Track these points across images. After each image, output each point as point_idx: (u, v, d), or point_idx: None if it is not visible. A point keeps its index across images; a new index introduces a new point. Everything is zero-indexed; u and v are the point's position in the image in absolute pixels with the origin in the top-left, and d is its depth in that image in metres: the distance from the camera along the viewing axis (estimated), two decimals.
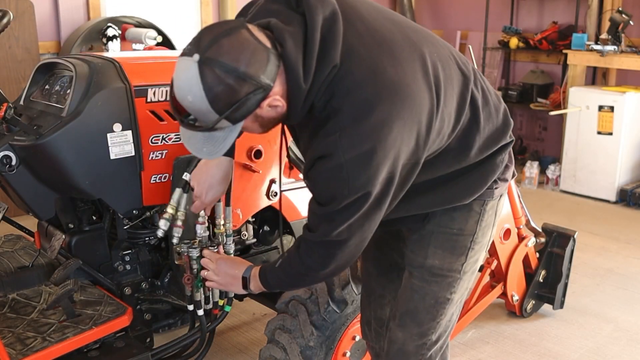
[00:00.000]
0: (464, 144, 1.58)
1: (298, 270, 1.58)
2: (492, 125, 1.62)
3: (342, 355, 2.19)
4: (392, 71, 1.40)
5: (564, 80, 5.53)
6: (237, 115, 1.35)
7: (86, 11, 4.87)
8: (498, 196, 1.73)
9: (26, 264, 2.22)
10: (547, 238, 3.08)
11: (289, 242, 2.49)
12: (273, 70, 1.33)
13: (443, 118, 1.49)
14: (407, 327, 1.75)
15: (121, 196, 2.03)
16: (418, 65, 1.45)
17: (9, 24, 2.24)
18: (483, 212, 1.70)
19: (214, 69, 1.29)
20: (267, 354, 2.13)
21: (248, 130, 1.49)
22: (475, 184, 1.66)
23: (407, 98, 1.40)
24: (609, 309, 3.29)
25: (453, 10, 6.67)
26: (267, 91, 1.35)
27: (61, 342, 1.82)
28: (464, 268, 1.72)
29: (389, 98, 1.38)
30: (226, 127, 1.40)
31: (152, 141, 2.03)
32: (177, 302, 2.19)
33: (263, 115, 1.41)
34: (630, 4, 5.31)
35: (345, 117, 1.37)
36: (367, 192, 1.40)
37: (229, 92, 1.31)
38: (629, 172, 5.05)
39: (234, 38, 1.31)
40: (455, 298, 1.75)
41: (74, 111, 1.90)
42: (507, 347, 2.91)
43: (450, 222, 1.69)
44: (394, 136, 1.38)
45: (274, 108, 1.40)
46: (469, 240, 1.70)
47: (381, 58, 1.41)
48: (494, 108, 1.64)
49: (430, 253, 1.70)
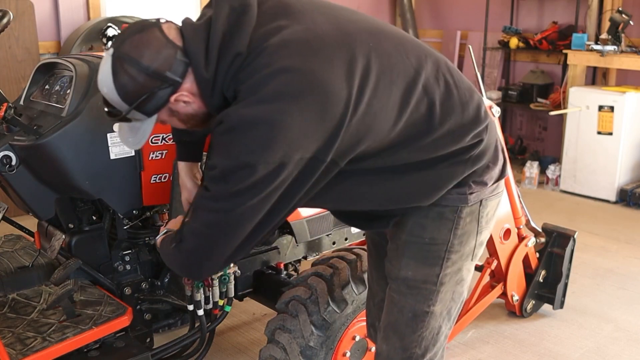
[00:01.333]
0: (414, 136, 1.49)
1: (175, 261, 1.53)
2: (455, 121, 1.52)
3: (342, 355, 2.19)
4: (300, 61, 1.36)
5: (564, 80, 5.53)
6: (147, 108, 1.42)
7: (86, 11, 4.87)
8: (477, 201, 1.60)
9: (26, 264, 2.22)
10: (547, 238, 3.08)
11: (288, 242, 2.49)
12: (181, 67, 1.39)
13: (369, 112, 1.40)
14: (390, 340, 1.69)
15: (121, 196, 2.03)
16: (341, 58, 1.39)
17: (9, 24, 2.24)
18: (457, 219, 1.59)
19: (123, 64, 1.38)
20: (267, 354, 2.13)
21: (173, 124, 1.53)
22: (432, 184, 1.55)
23: (312, 87, 1.34)
24: (609, 309, 3.29)
25: (453, 10, 6.67)
26: (176, 87, 1.40)
27: (61, 342, 1.83)
28: (440, 279, 1.62)
29: (288, 81, 1.34)
30: (143, 120, 1.46)
31: (152, 141, 2.03)
32: (177, 302, 2.19)
33: (178, 110, 1.46)
34: (630, 4, 5.31)
35: (242, 95, 1.37)
36: (248, 164, 1.33)
37: (135, 86, 1.38)
38: (629, 172, 5.05)
39: (145, 35, 1.40)
40: (437, 310, 1.65)
41: (74, 111, 1.91)
42: (507, 347, 2.91)
43: (422, 231, 1.60)
44: (286, 118, 1.32)
45: (187, 104, 1.44)
46: (442, 250, 1.60)
47: (295, 50, 1.38)
48: (460, 103, 1.53)
49: (404, 264, 1.62)
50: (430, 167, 1.53)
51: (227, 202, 1.38)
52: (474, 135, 1.55)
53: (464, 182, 1.57)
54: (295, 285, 2.17)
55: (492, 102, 2.75)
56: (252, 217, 1.41)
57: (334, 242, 2.66)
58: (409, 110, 1.46)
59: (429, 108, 1.49)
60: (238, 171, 1.35)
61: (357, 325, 2.21)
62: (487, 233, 1.69)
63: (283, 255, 2.47)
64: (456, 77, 1.56)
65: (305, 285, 2.13)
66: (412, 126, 1.48)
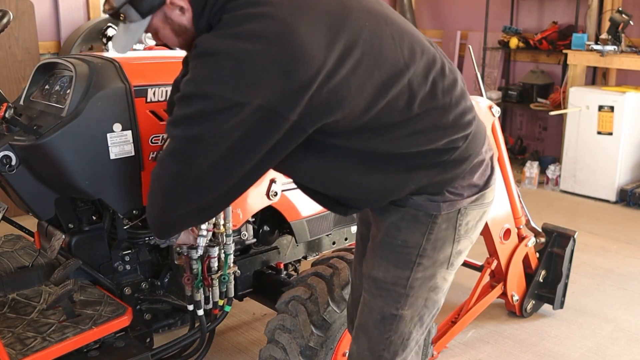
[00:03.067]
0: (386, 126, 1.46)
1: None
2: (431, 123, 1.49)
3: (342, 355, 2.19)
4: (286, 13, 1.36)
5: (564, 80, 5.53)
6: (143, 5, 1.44)
7: (86, 11, 4.87)
8: (456, 210, 1.56)
9: (26, 264, 2.22)
10: (547, 238, 3.08)
11: (288, 242, 2.49)
12: None
13: (344, 86, 1.37)
14: (360, 341, 1.67)
15: (121, 196, 2.03)
16: (328, 26, 1.38)
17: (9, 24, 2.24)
18: (432, 224, 1.55)
19: None
20: (267, 354, 2.13)
21: (162, 35, 1.53)
22: (395, 181, 1.52)
23: (287, 42, 1.33)
24: (609, 309, 3.29)
25: (453, 10, 6.67)
26: None
27: (61, 342, 1.82)
28: (410, 283, 1.58)
29: (267, 27, 1.34)
30: (136, 20, 1.48)
31: (152, 141, 2.03)
32: (177, 302, 2.19)
33: (172, 18, 1.47)
34: (630, 4, 5.31)
35: (221, 24, 1.40)
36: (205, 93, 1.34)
37: None
38: (629, 172, 5.05)
39: None
40: (406, 315, 1.61)
41: (73, 111, 1.90)
42: (507, 347, 2.91)
43: (396, 232, 1.58)
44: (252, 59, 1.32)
45: (182, 13, 1.45)
46: (414, 254, 1.57)
47: (287, 2, 1.38)
48: (441, 106, 1.50)
49: (377, 264, 1.60)
50: (397, 163, 1.50)
51: (184, 127, 1.38)
52: (448, 141, 1.51)
53: (438, 191, 1.54)
54: (295, 285, 2.17)
55: (492, 102, 2.75)
56: (210, 153, 1.38)
57: (334, 242, 2.66)
58: (386, 98, 1.43)
59: (408, 103, 1.46)
60: (195, 97, 1.36)
61: None
62: (468, 243, 1.64)
63: (283, 255, 2.48)
64: (448, 81, 1.52)
65: (305, 285, 2.13)
66: (387, 116, 1.45)
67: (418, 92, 1.46)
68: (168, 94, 2.03)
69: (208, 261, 1.98)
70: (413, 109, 1.46)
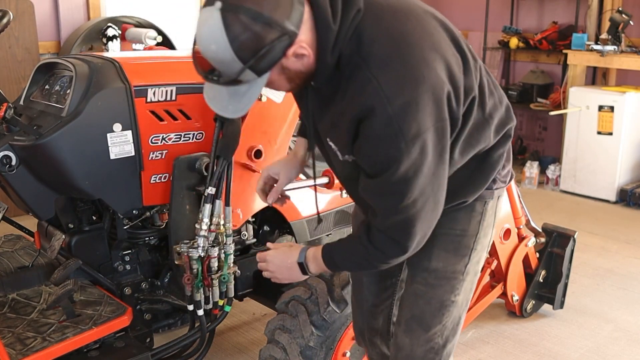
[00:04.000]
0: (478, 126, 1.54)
1: (376, 258, 1.51)
2: (498, 116, 1.60)
3: (342, 355, 2.19)
4: (415, 20, 1.41)
5: (564, 80, 5.53)
6: (262, 64, 1.29)
7: (86, 11, 4.87)
8: (497, 197, 1.72)
9: (26, 264, 2.22)
10: (547, 238, 3.08)
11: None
12: (297, 16, 1.29)
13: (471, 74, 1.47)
14: (414, 333, 1.72)
15: (121, 196, 2.03)
16: (436, 25, 1.46)
17: (9, 24, 2.24)
18: (484, 212, 1.69)
19: (237, 15, 1.24)
20: (267, 354, 2.13)
21: (274, 86, 1.42)
22: (478, 180, 1.63)
23: (435, 43, 1.39)
24: (609, 309, 3.29)
25: (453, 10, 6.67)
26: (293, 38, 1.29)
27: (61, 342, 1.82)
28: (467, 269, 1.70)
29: (418, 41, 1.36)
30: (251, 80, 1.33)
31: (152, 141, 2.03)
32: (177, 302, 2.19)
33: (289, 66, 1.35)
34: (630, 4, 5.31)
35: (377, 62, 1.33)
36: (423, 139, 1.33)
37: (254, 39, 1.25)
38: (629, 172, 5.04)
39: None
40: (460, 300, 1.72)
41: (73, 111, 1.90)
42: (507, 347, 2.91)
43: (454, 223, 1.66)
44: (435, 75, 1.34)
45: (300, 58, 1.34)
46: (471, 241, 1.68)
47: (403, 11, 1.42)
48: (498, 99, 1.61)
49: (435, 255, 1.67)
50: (474, 165, 1.60)
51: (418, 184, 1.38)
52: (507, 130, 1.63)
53: (494, 178, 1.66)
54: (295, 285, 2.17)
55: None
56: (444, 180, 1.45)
57: None
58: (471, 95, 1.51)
59: (481, 99, 1.53)
60: (420, 150, 1.34)
61: None
62: (495, 229, 1.81)
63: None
64: (492, 78, 1.65)
65: (305, 285, 2.13)
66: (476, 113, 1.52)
67: (484, 84, 1.56)
68: (168, 94, 2.03)
69: (208, 261, 1.98)
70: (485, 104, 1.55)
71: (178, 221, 2.06)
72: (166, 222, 2.22)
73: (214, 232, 1.96)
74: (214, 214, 1.96)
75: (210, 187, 1.92)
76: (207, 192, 1.92)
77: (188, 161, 2.04)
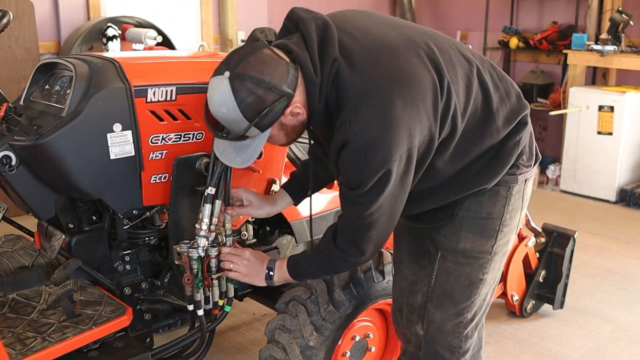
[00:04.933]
0: (482, 124, 1.70)
1: (337, 258, 1.73)
2: (507, 108, 1.74)
3: (342, 355, 2.19)
4: (385, 60, 1.57)
5: (564, 80, 5.53)
6: (265, 122, 1.57)
7: (86, 11, 4.87)
8: (523, 181, 1.83)
9: (26, 264, 2.22)
10: (547, 238, 3.08)
11: (288, 242, 2.49)
12: (293, 81, 1.56)
13: (451, 93, 1.61)
14: (444, 308, 1.87)
15: (121, 196, 2.03)
16: (412, 52, 1.60)
17: (9, 24, 2.24)
18: (509, 196, 1.80)
19: (243, 82, 1.52)
20: (267, 354, 2.13)
21: (274, 141, 1.70)
22: (494, 168, 1.75)
23: (404, 79, 1.55)
24: (609, 309, 3.29)
25: (453, 10, 6.67)
26: (290, 99, 1.56)
27: (61, 342, 1.82)
28: (494, 249, 1.83)
29: (386, 83, 1.54)
30: (256, 136, 1.62)
31: (152, 141, 2.03)
32: (177, 302, 2.19)
33: (287, 123, 1.63)
34: (630, 4, 5.31)
35: (350, 106, 1.54)
36: (387, 170, 1.54)
37: (258, 101, 1.53)
38: (629, 172, 5.05)
39: (258, 55, 1.54)
40: (488, 278, 1.86)
41: (73, 111, 1.90)
42: (507, 347, 2.91)
43: (479, 207, 1.80)
44: (399, 114, 1.52)
45: (296, 116, 1.61)
46: (497, 224, 1.81)
47: (375, 52, 1.58)
48: (505, 92, 1.75)
49: (462, 237, 1.81)
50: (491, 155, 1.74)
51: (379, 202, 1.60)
52: (522, 118, 1.77)
53: (514, 164, 1.78)
54: (295, 285, 2.17)
55: None
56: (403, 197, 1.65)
57: None
58: (471, 98, 1.67)
59: (486, 98, 1.70)
60: (382, 179, 1.55)
61: (357, 326, 2.21)
62: (524, 212, 1.93)
63: (283, 255, 2.47)
64: (497, 71, 1.80)
65: (305, 285, 2.13)
66: (478, 115, 1.69)
67: (487, 83, 1.71)
68: (168, 94, 2.03)
69: (208, 261, 1.98)
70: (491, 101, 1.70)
71: (178, 221, 2.06)
72: (166, 222, 2.22)
73: (214, 232, 1.96)
74: (213, 214, 1.97)
75: (210, 187, 1.92)
76: (207, 192, 1.92)
77: (188, 161, 2.03)
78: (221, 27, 5.71)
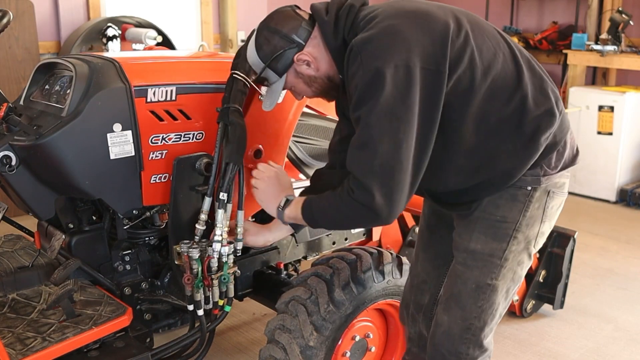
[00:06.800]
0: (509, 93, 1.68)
1: (347, 198, 1.65)
2: (537, 92, 1.72)
3: (342, 355, 2.19)
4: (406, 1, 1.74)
5: (564, 80, 5.53)
6: (279, 65, 1.78)
7: (86, 11, 4.87)
8: (545, 190, 1.77)
9: (26, 264, 2.22)
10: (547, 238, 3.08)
11: (288, 242, 2.49)
12: (304, 33, 1.76)
13: (468, 40, 1.64)
14: (452, 311, 1.84)
15: (121, 196, 2.03)
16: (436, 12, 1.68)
17: (9, 24, 2.24)
18: (528, 202, 1.76)
19: (262, 32, 1.79)
20: (267, 354, 2.13)
21: (297, 89, 1.86)
22: (520, 154, 1.70)
23: (417, 10, 1.67)
24: (609, 309, 3.29)
25: None
26: (300, 48, 1.76)
27: (61, 342, 1.82)
28: (505, 255, 1.78)
29: (397, 10, 1.68)
30: (276, 81, 1.82)
31: (152, 141, 2.03)
32: (177, 302, 2.19)
33: (302, 72, 1.79)
34: (630, 4, 5.31)
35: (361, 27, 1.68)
36: (378, 70, 1.56)
37: (270, 46, 1.77)
38: (629, 172, 5.05)
39: (280, 12, 1.80)
40: (498, 286, 1.80)
41: (73, 111, 1.90)
42: (507, 347, 2.91)
43: (495, 209, 1.77)
44: (399, 27, 1.61)
45: (308, 66, 1.77)
46: (511, 228, 1.77)
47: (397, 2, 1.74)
48: (539, 76, 1.74)
49: (474, 237, 1.79)
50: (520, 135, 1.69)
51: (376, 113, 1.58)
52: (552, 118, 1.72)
53: (537, 163, 1.74)
54: (295, 286, 2.17)
55: None
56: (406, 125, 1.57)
57: (334, 242, 2.66)
58: (499, 60, 1.68)
59: (516, 66, 1.70)
60: (374, 80, 1.56)
61: (357, 326, 2.21)
62: (548, 227, 1.85)
63: (283, 255, 2.48)
64: (537, 62, 1.80)
65: (305, 285, 2.13)
66: (503, 79, 1.68)
67: (520, 60, 1.72)
68: (168, 94, 2.03)
69: (208, 261, 1.98)
70: (523, 76, 1.70)
71: (178, 221, 2.06)
72: (166, 222, 2.22)
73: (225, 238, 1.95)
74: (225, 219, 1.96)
75: (222, 193, 1.91)
76: (219, 197, 1.92)
77: (188, 161, 2.04)
78: (221, 27, 5.71)
